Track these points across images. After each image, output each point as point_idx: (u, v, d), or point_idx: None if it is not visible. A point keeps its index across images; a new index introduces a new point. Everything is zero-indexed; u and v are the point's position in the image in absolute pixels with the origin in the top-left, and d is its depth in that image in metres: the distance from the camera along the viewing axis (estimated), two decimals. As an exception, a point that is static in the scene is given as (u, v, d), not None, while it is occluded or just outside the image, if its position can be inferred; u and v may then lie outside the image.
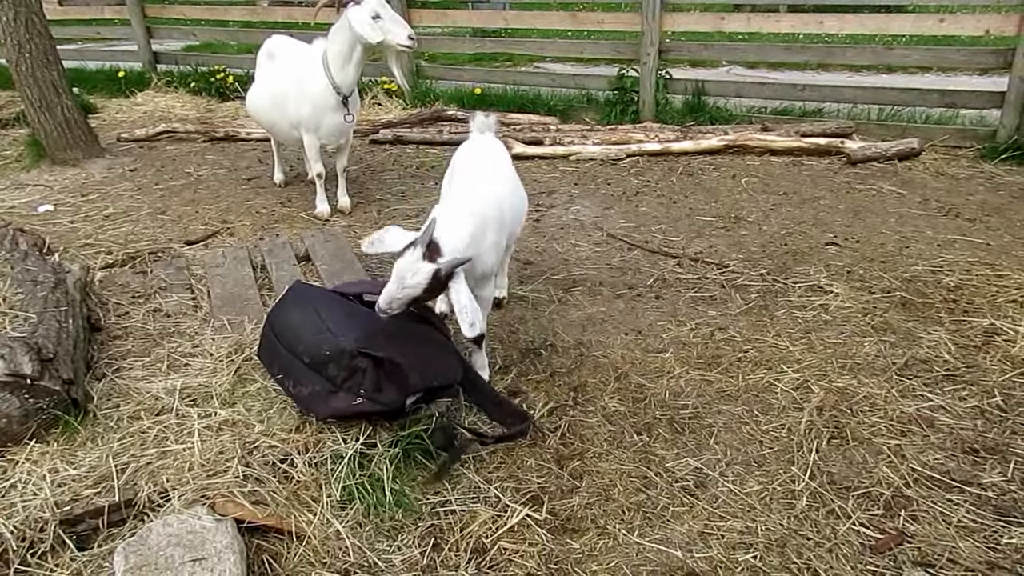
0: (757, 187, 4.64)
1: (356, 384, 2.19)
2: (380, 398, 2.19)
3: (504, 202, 2.63)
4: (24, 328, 2.36)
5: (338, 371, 2.20)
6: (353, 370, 2.19)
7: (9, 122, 6.56)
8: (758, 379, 2.74)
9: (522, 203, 2.97)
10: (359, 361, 2.19)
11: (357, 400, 2.17)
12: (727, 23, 5.78)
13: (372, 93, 6.81)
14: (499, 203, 2.58)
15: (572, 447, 2.44)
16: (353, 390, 2.19)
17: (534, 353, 2.95)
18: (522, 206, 2.98)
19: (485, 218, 2.44)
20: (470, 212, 2.38)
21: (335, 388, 2.21)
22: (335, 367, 2.20)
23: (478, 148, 2.93)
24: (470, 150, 2.92)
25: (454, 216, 2.33)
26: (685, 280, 3.52)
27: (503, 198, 2.64)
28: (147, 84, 7.85)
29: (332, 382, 2.21)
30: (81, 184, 5.11)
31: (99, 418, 2.29)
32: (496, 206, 2.55)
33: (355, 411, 2.19)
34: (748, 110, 5.91)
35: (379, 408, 2.19)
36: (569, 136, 5.52)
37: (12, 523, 1.91)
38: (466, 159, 2.86)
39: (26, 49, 5.16)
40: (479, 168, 2.74)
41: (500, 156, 2.95)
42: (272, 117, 4.33)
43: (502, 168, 2.86)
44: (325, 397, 2.21)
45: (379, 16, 3.82)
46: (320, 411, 2.23)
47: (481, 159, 2.83)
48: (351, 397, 2.18)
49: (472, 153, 2.89)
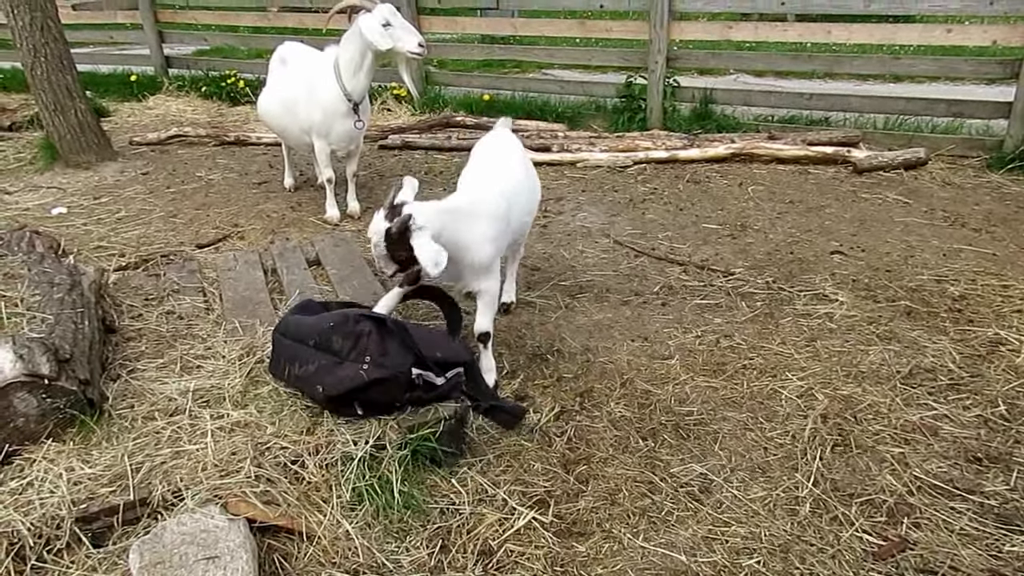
0: (764, 195, 4.66)
1: (361, 351, 2.23)
2: (385, 362, 2.22)
3: (507, 196, 2.73)
4: (41, 329, 2.40)
5: (343, 341, 2.26)
6: (358, 336, 2.25)
7: (23, 125, 6.64)
8: (763, 386, 2.77)
9: (530, 197, 3.05)
10: (362, 325, 2.26)
11: (364, 367, 2.20)
12: (734, 32, 5.82)
13: (382, 99, 6.87)
14: (497, 197, 2.68)
15: (578, 452, 2.47)
16: (359, 359, 2.23)
17: (541, 358, 2.98)
18: (530, 200, 3.05)
19: (473, 208, 2.57)
20: (455, 199, 2.58)
21: (341, 359, 2.25)
22: (339, 338, 2.26)
23: (491, 142, 3.08)
24: (484, 144, 3.08)
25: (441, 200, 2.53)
26: (691, 287, 3.55)
27: (505, 193, 2.74)
28: (159, 88, 7.93)
29: (338, 355, 2.26)
30: (94, 187, 5.18)
31: (114, 418, 2.33)
32: (493, 200, 2.65)
33: (361, 382, 2.20)
34: (755, 118, 5.94)
35: (386, 374, 2.21)
36: (577, 143, 5.56)
37: (29, 520, 1.95)
38: (478, 153, 3.02)
39: (41, 53, 5.24)
40: (486, 163, 2.92)
41: (510, 151, 3.06)
42: (283, 122, 4.39)
43: (509, 163, 2.96)
44: (332, 369, 2.24)
45: (390, 24, 3.87)
46: (328, 383, 2.23)
47: (491, 154, 2.98)
48: (357, 366, 2.22)
49: (485, 147, 3.05)
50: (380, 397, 2.27)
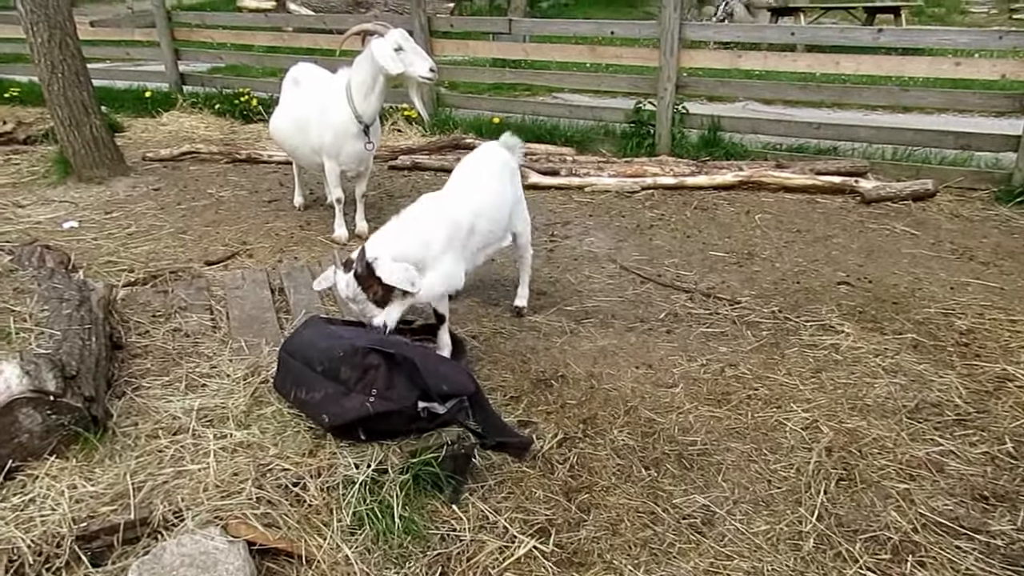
0: (771, 224, 4.67)
1: (368, 384, 2.24)
2: (391, 395, 2.23)
3: (470, 208, 2.96)
4: (49, 345, 2.41)
5: (351, 372, 2.26)
6: (366, 369, 2.25)
7: (38, 139, 6.72)
8: (767, 417, 2.76)
9: (496, 208, 3.15)
10: (371, 358, 2.26)
11: (370, 399, 2.21)
12: (744, 61, 5.87)
13: (392, 120, 6.93)
14: (452, 208, 2.92)
15: (580, 480, 2.46)
16: (365, 390, 2.23)
17: (545, 384, 2.97)
18: (497, 212, 3.15)
19: (423, 219, 2.85)
20: (404, 216, 2.89)
21: (348, 390, 2.26)
22: (348, 368, 2.27)
23: (473, 155, 3.31)
24: (466, 158, 3.32)
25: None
26: (697, 315, 3.55)
27: (468, 204, 2.97)
28: (173, 104, 8.02)
29: (345, 384, 2.27)
30: (105, 202, 5.23)
31: (118, 436, 2.33)
32: (444, 212, 2.89)
33: (366, 414, 2.21)
34: (763, 146, 5.96)
35: (391, 407, 2.22)
36: (585, 167, 5.60)
37: (30, 537, 1.95)
38: (457, 168, 3.26)
39: (59, 69, 5.32)
40: (456, 176, 3.16)
41: (485, 163, 3.23)
42: (294, 142, 4.43)
43: (480, 175, 3.15)
44: (338, 399, 2.25)
45: (401, 48, 3.92)
46: (333, 412, 2.24)
47: (465, 167, 3.22)
48: (364, 398, 2.22)
49: (464, 161, 3.28)
50: (384, 427, 2.28)
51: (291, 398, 2.43)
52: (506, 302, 3.67)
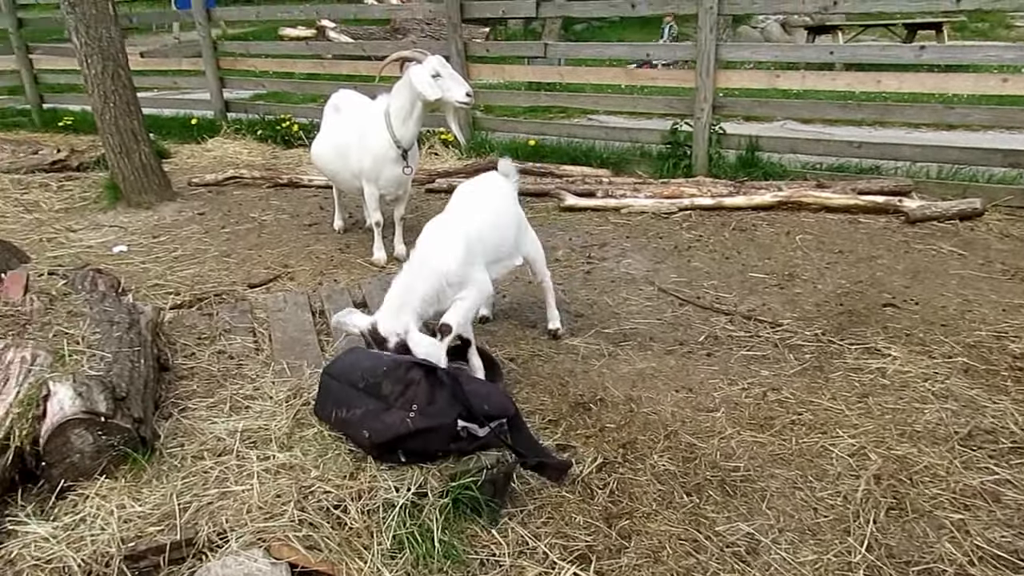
0: (812, 244, 4.60)
1: (409, 399, 2.24)
2: (432, 411, 2.22)
3: (467, 236, 2.93)
4: (100, 367, 2.48)
5: (392, 386, 2.27)
6: (407, 383, 2.26)
7: (90, 166, 6.95)
8: (812, 443, 2.70)
9: (498, 233, 3.14)
10: (413, 373, 2.28)
11: (410, 415, 2.21)
12: (782, 80, 5.82)
13: (429, 143, 7.02)
14: (449, 241, 2.90)
15: (621, 505, 2.43)
16: (406, 406, 2.24)
17: (584, 407, 2.96)
18: (498, 236, 3.15)
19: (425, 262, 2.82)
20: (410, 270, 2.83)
21: (388, 406, 2.26)
22: (390, 383, 2.28)
23: (466, 184, 3.35)
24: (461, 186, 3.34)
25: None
26: (737, 338, 3.50)
27: (467, 233, 2.94)
28: (217, 131, 8.24)
29: (386, 400, 2.27)
30: (153, 226, 5.38)
31: (165, 456, 2.38)
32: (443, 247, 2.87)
33: (407, 430, 2.21)
34: (803, 166, 5.88)
35: (432, 423, 2.21)
36: (621, 189, 5.59)
37: (80, 556, 1.99)
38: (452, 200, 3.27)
39: (111, 99, 5.52)
40: (452, 208, 3.18)
41: (476, 187, 3.28)
42: (335, 167, 4.52)
43: (473, 197, 3.20)
44: (378, 414, 2.26)
45: (439, 74, 3.99)
46: (374, 428, 2.24)
47: (458, 193, 3.26)
48: (404, 413, 2.22)
49: (459, 188, 3.31)
50: (424, 446, 2.27)
51: (332, 420, 2.44)
52: (543, 324, 3.66)
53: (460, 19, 6.71)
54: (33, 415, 2.26)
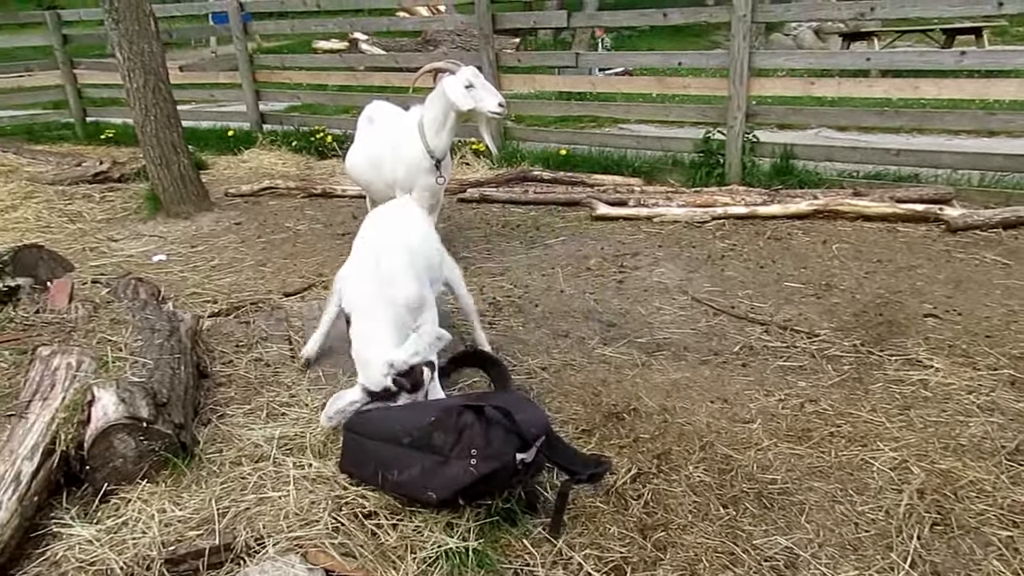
0: (849, 253, 4.52)
1: (466, 446, 2.12)
2: (490, 452, 2.11)
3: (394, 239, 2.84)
4: (142, 373, 2.54)
5: (445, 437, 2.15)
6: (461, 430, 2.15)
7: (130, 177, 7.12)
8: (852, 456, 2.64)
9: (428, 258, 2.99)
10: (466, 417, 2.15)
11: (472, 462, 2.10)
12: (817, 88, 5.76)
13: (460, 153, 7.07)
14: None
15: (656, 517, 2.40)
16: (464, 454, 2.12)
17: (617, 417, 2.93)
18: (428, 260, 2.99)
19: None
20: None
21: (445, 458, 2.14)
22: (441, 434, 2.16)
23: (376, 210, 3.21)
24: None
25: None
26: (773, 348, 3.45)
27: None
28: (253, 142, 8.39)
29: (441, 452, 2.15)
30: (191, 236, 5.49)
31: (204, 462, 2.42)
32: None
33: (472, 479, 2.12)
34: (839, 174, 5.80)
35: (495, 466, 2.11)
36: (653, 198, 5.56)
37: (123, 559, 2.03)
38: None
39: (152, 112, 5.66)
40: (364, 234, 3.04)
41: (385, 212, 3.16)
42: (369, 177, 4.57)
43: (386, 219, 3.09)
44: (437, 469, 2.14)
45: (472, 85, 4.02)
46: (439, 485, 2.14)
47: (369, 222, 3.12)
48: (464, 462, 2.11)
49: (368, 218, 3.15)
50: (488, 490, 2.20)
51: (378, 482, 2.29)
52: (576, 334, 3.65)
53: (492, 30, 6.75)
54: (78, 420, 2.32)
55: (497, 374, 2.91)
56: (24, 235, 5.56)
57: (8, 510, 2.08)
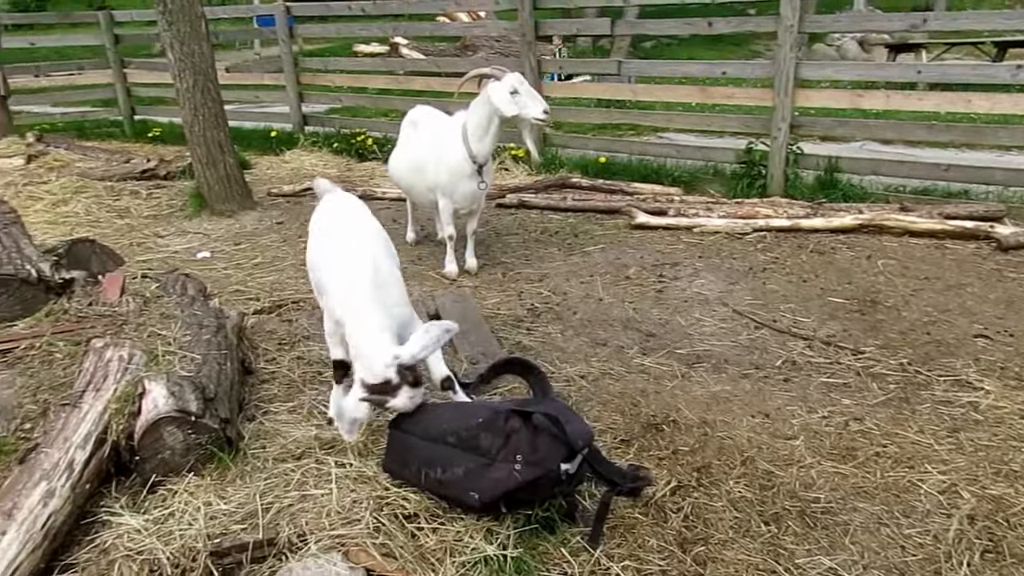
0: (895, 270, 4.43)
1: (512, 450, 2.12)
2: (536, 458, 2.10)
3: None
4: (190, 368, 2.59)
5: (492, 439, 2.16)
6: (508, 434, 2.14)
7: (176, 175, 7.28)
8: (899, 478, 2.58)
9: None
10: (513, 422, 2.14)
11: (516, 466, 2.10)
12: (865, 100, 5.66)
13: (500, 158, 7.08)
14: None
15: (696, 531, 2.37)
16: (509, 458, 2.12)
17: (656, 428, 2.91)
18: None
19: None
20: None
21: (490, 460, 2.15)
22: (488, 436, 2.17)
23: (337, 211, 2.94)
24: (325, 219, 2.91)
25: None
26: (816, 364, 3.39)
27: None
28: (295, 143, 8.52)
29: (487, 454, 2.16)
30: (235, 234, 5.59)
31: (248, 457, 2.46)
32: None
33: (515, 484, 2.12)
34: (885, 188, 5.69)
35: (539, 473, 2.11)
36: (693, 208, 5.51)
37: (169, 549, 2.07)
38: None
39: (200, 112, 5.79)
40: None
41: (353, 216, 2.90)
42: (411, 180, 4.61)
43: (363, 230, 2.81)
44: (482, 472, 2.15)
45: (517, 91, 4.04)
46: (483, 488, 2.14)
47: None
48: (509, 466, 2.11)
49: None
50: (530, 497, 2.19)
51: (421, 480, 2.29)
52: (615, 343, 3.64)
53: (535, 36, 6.77)
54: (129, 411, 2.37)
55: (537, 381, 2.89)
56: (74, 229, 5.71)
57: (61, 497, 2.13)
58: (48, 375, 2.66)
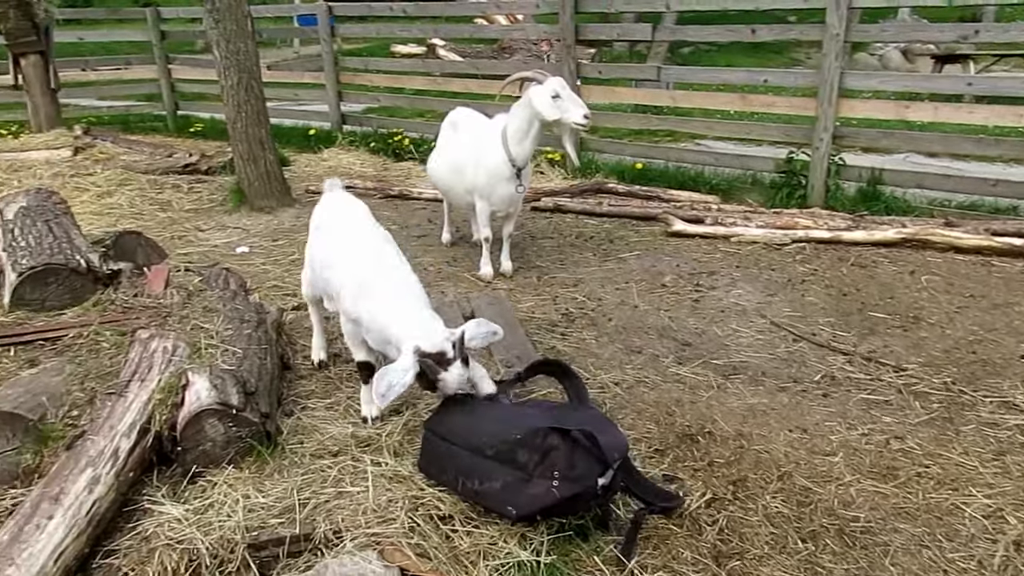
0: (939, 286, 4.33)
1: (550, 467, 2.11)
2: (574, 475, 2.10)
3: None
4: (232, 362, 2.63)
5: (529, 455, 2.14)
6: (546, 451, 2.12)
7: (217, 170, 7.40)
8: (941, 500, 2.52)
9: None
10: (552, 439, 2.13)
11: (554, 483, 2.09)
12: (911, 112, 5.54)
13: (536, 162, 7.08)
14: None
15: (731, 545, 2.34)
16: (547, 474, 2.10)
17: (691, 439, 2.88)
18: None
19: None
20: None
21: (528, 476, 2.13)
22: (526, 452, 2.15)
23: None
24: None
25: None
26: (856, 380, 3.33)
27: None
28: (332, 142, 8.61)
29: (524, 469, 2.14)
30: (273, 230, 5.66)
31: (286, 452, 2.49)
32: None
33: (553, 501, 2.11)
34: (930, 202, 5.57)
35: (576, 490, 2.11)
36: (731, 217, 5.46)
37: (209, 540, 2.10)
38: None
39: (243, 109, 5.88)
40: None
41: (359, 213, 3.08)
42: (449, 182, 4.63)
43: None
44: (520, 487, 2.14)
45: (558, 95, 4.03)
46: (520, 503, 2.14)
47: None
48: (547, 482, 2.10)
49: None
50: (567, 512, 2.19)
51: (458, 488, 2.30)
52: (650, 351, 3.61)
53: (574, 40, 6.76)
54: (172, 402, 2.42)
55: (572, 386, 2.87)
56: (118, 220, 5.84)
57: (106, 484, 2.18)
58: (95, 364, 2.71)
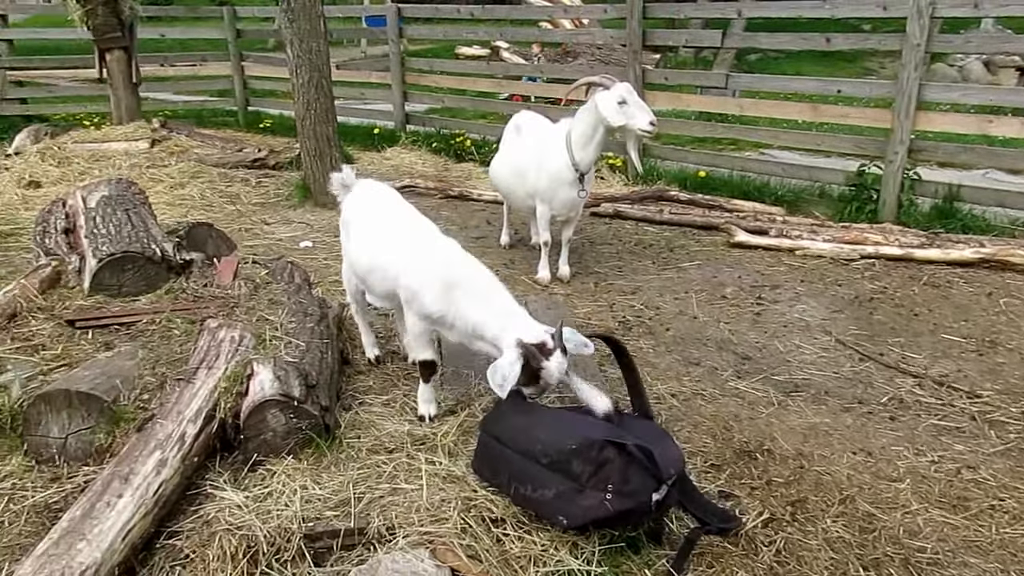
0: (1019, 310, 4.12)
1: (603, 479, 2.08)
2: (627, 490, 2.08)
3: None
4: (295, 354, 2.69)
5: (584, 466, 2.11)
6: (601, 463, 2.10)
7: (284, 165, 7.60)
8: (1016, 535, 2.40)
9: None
10: (607, 452, 2.10)
11: (607, 496, 2.07)
12: (995, 127, 5.29)
13: (597, 167, 7.02)
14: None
15: (788, 567, 2.28)
16: (600, 486, 2.08)
17: (749, 456, 2.81)
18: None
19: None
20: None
21: (581, 486, 2.11)
22: (580, 462, 2.12)
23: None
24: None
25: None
26: (926, 404, 3.20)
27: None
28: (395, 141, 8.74)
29: (577, 480, 2.12)
30: (335, 226, 5.74)
31: (343, 446, 2.53)
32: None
33: (605, 514, 2.09)
34: (1011, 222, 5.31)
35: (629, 505, 2.09)
36: (797, 229, 5.31)
37: (267, 528, 2.15)
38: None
39: (312, 107, 6.02)
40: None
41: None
42: (511, 185, 4.64)
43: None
44: (572, 497, 2.11)
45: (625, 102, 4.00)
46: (572, 514, 2.12)
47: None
48: (600, 494, 2.08)
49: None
50: (618, 526, 2.19)
51: (511, 492, 2.30)
52: (708, 363, 3.54)
53: (641, 46, 6.70)
54: (237, 391, 2.48)
55: (629, 376, 2.74)
56: (189, 211, 6.05)
57: (172, 467, 2.25)
58: (166, 350, 2.81)
